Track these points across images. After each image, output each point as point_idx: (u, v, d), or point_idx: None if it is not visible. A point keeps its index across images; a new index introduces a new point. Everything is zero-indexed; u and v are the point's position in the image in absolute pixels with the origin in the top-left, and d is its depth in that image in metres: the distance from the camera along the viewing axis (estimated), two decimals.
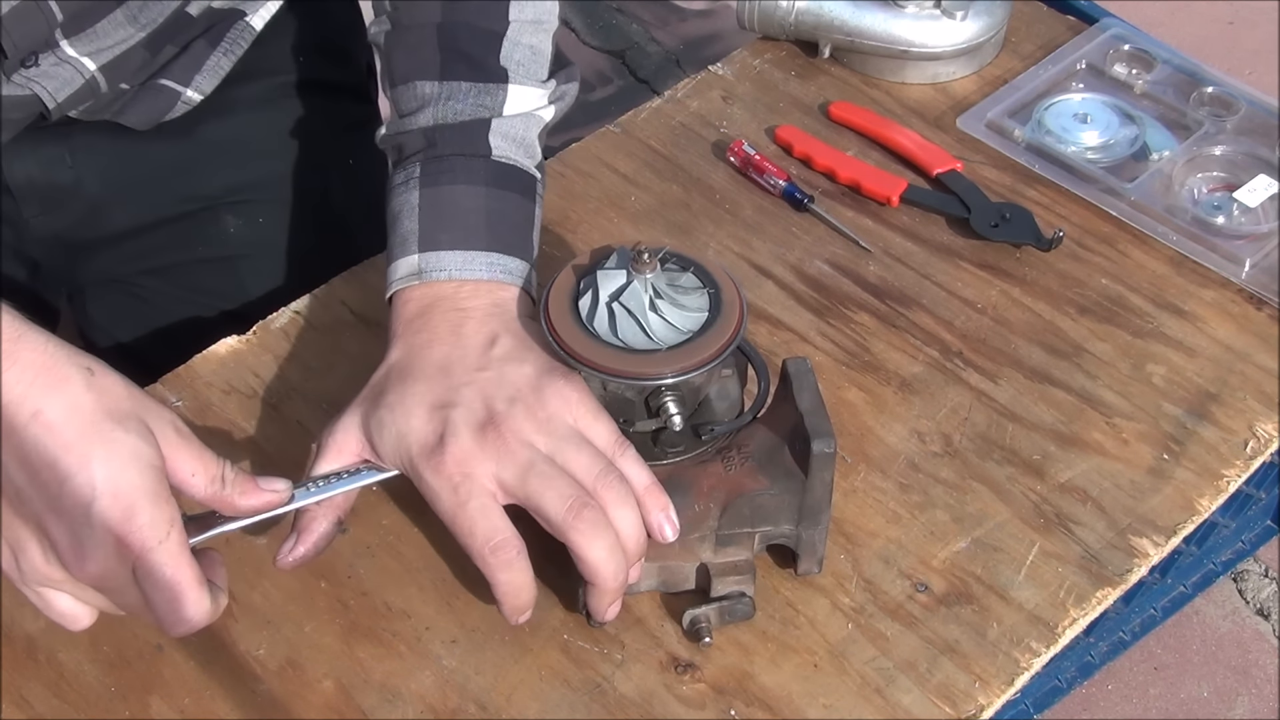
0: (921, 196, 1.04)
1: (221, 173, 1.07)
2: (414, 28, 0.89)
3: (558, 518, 0.72)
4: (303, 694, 0.77)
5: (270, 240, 1.08)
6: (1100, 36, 1.14)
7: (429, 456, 0.73)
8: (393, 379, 0.77)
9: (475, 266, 0.82)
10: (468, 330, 0.79)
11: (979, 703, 0.77)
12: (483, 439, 0.73)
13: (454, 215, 0.83)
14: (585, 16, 2.16)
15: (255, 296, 1.05)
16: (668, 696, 0.77)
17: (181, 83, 1.01)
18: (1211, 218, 1.01)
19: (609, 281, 0.78)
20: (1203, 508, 0.86)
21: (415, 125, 0.87)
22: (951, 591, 0.81)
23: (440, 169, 0.85)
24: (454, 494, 0.72)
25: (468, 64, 0.87)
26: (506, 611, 0.76)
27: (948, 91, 1.14)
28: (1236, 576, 1.43)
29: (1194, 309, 0.97)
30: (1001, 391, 0.92)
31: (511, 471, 0.72)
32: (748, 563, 0.79)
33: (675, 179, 1.07)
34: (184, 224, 1.07)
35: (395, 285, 0.83)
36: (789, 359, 0.79)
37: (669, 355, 0.76)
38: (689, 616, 0.78)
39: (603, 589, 0.74)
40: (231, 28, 1.03)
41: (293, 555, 0.76)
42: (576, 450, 0.74)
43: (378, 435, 0.76)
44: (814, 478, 0.76)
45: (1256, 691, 1.36)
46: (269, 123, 1.08)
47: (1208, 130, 1.07)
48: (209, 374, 0.93)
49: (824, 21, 1.13)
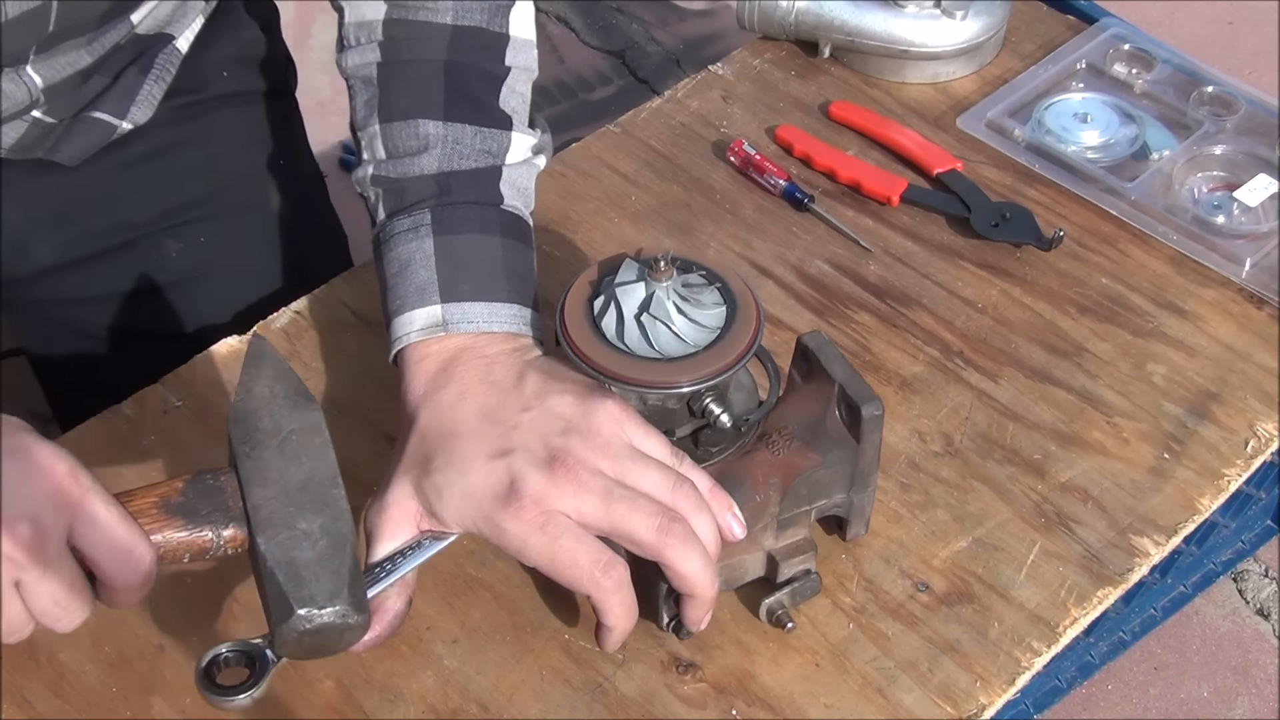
0: (922, 196, 1.04)
1: (154, 198, 1.03)
2: (417, 63, 0.85)
3: (649, 538, 0.71)
4: (304, 693, 0.77)
5: (216, 259, 1.05)
6: (1100, 36, 1.14)
7: (505, 506, 0.71)
8: (433, 442, 0.74)
9: (500, 318, 0.79)
10: (497, 375, 0.76)
11: (980, 702, 0.77)
12: (553, 476, 0.71)
13: (473, 265, 0.80)
14: (585, 16, 2.16)
15: (210, 319, 1.03)
16: (669, 696, 0.77)
17: (116, 115, 0.98)
18: (1212, 217, 1.01)
19: (629, 295, 0.77)
20: (1203, 507, 0.86)
21: (419, 169, 0.83)
22: (952, 591, 0.81)
23: (455, 216, 0.82)
24: (543, 534, 0.70)
25: (474, 106, 0.85)
26: (616, 638, 0.74)
27: (948, 91, 1.14)
28: (1236, 576, 1.43)
29: (1194, 308, 0.97)
30: (1002, 391, 0.92)
31: (591, 502, 0.71)
32: (808, 540, 0.80)
33: (676, 179, 1.07)
34: (121, 254, 1.03)
35: (415, 337, 0.79)
36: (805, 335, 0.79)
37: (706, 356, 0.76)
38: (765, 607, 0.79)
39: (702, 598, 0.73)
40: (160, 53, 1.00)
41: (368, 637, 0.72)
42: (644, 468, 0.73)
43: (438, 501, 0.73)
44: (865, 441, 0.77)
45: (1256, 691, 1.35)
46: (196, 141, 1.04)
47: (1208, 130, 1.07)
48: (209, 374, 0.93)
49: (824, 21, 1.13)
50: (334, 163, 1.95)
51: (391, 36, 0.86)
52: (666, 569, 0.72)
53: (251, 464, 0.69)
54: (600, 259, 0.81)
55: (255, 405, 0.71)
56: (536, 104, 0.89)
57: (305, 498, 0.69)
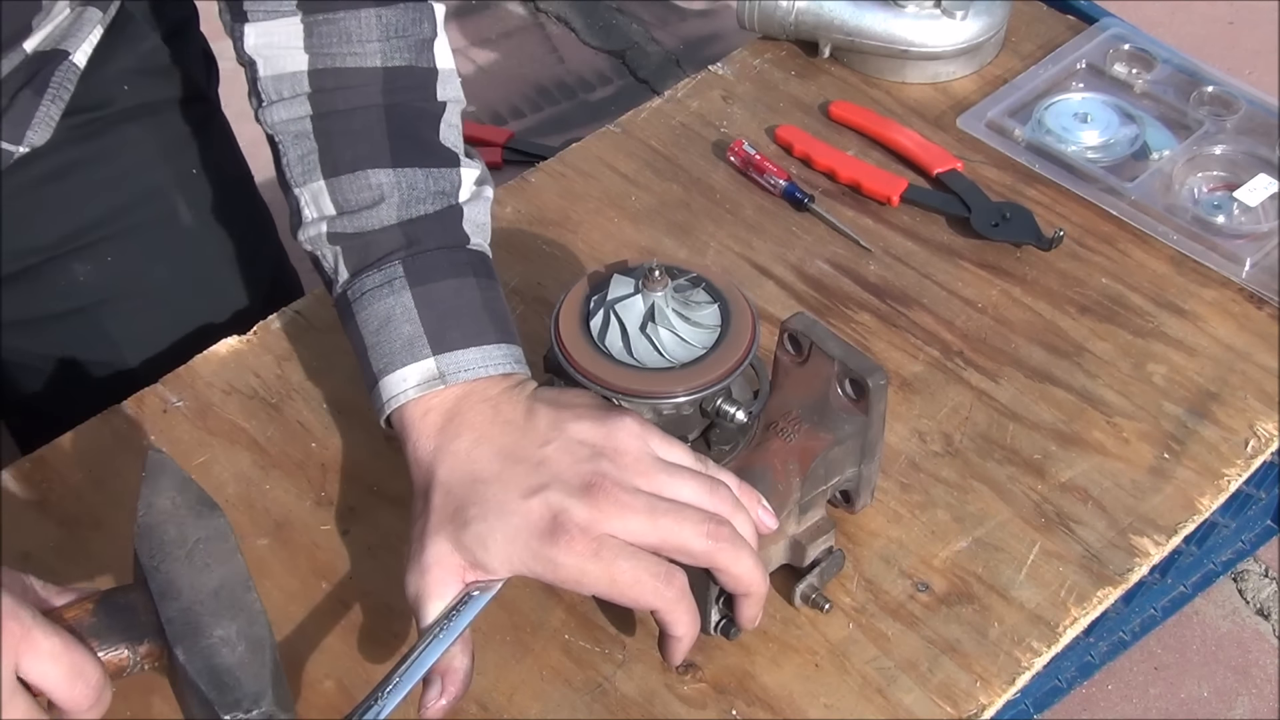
0: (922, 196, 1.04)
1: (55, 220, 0.99)
2: (356, 111, 0.82)
3: (700, 546, 0.70)
4: (304, 693, 0.77)
5: (125, 280, 1.01)
6: (1100, 36, 1.15)
7: (554, 541, 0.70)
8: (461, 492, 0.73)
9: (495, 360, 0.78)
10: (506, 414, 0.75)
11: (980, 702, 0.77)
12: (594, 502, 0.70)
13: (457, 312, 0.79)
14: (585, 16, 2.16)
15: (123, 342, 1.00)
16: (669, 696, 0.77)
17: (12, 140, 0.94)
18: (1212, 217, 1.01)
19: (629, 309, 0.78)
20: (1203, 507, 0.86)
21: (379, 220, 0.81)
22: (952, 591, 0.81)
23: (426, 265, 0.80)
24: (598, 560, 0.70)
25: (419, 149, 0.82)
26: (684, 647, 0.73)
27: (948, 91, 1.14)
28: (1236, 576, 1.43)
29: (1194, 308, 0.97)
30: (1002, 391, 0.92)
31: (637, 521, 0.70)
32: (826, 519, 0.80)
33: (676, 179, 1.07)
34: (25, 281, 0.99)
35: (412, 394, 0.76)
36: (791, 317, 0.79)
37: (715, 356, 0.77)
38: (799, 593, 0.79)
39: (756, 595, 0.74)
40: (56, 70, 0.94)
41: (443, 701, 0.71)
42: (678, 479, 0.72)
43: (483, 551, 0.71)
44: (873, 412, 0.78)
45: (1256, 691, 1.35)
46: (99, 159, 1.00)
47: (1208, 130, 1.07)
48: (209, 374, 0.93)
49: (824, 21, 1.13)
50: None
51: (321, 88, 0.83)
52: (719, 573, 0.72)
53: (161, 577, 0.69)
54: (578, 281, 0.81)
55: (159, 518, 0.71)
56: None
57: (218, 605, 0.69)
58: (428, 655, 0.70)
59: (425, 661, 0.70)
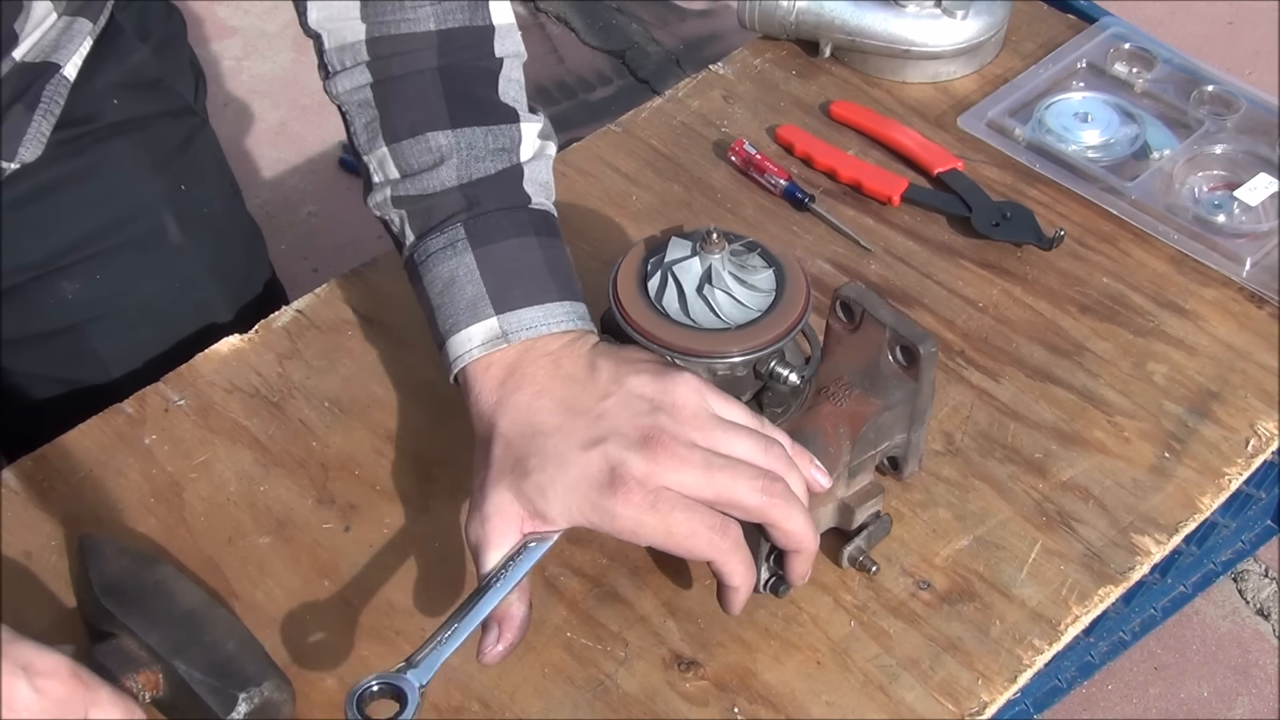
0: (922, 196, 1.04)
1: (44, 238, 0.98)
2: (411, 76, 0.84)
3: (754, 501, 0.72)
4: (306, 692, 0.77)
5: (113, 298, 1.00)
6: (1100, 35, 1.15)
7: (612, 492, 0.71)
8: (521, 444, 0.74)
9: (556, 317, 0.79)
10: (567, 368, 0.77)
11: (982, 700, 0.77)
12: (652, 455, 0.71)
13: (518, 271, 0.80)
14: (585, 16, 2.16)
15: (111, 361, 1.00)
16: (671, 694, 0.77)
17: (5, 157, 0.93)
18: (1212, 216, 1.01)
19: (686, 271, 0.80)
20: (1204, 506, 0.86)
21: (440, 183, 0.82)
22: (954, 589, 0.82)
23: (488, 226, 0.81)
24: (655, 512, 0.71)
25: (477, 107, 0.84)
26: (742, 597, 0.75)
27: (948, 91, 1.14)
28: (1236, 576, 1.43)
29: (1195, 307, 0.97)
30: (1003, 390, 0.92)
31: (694, 475, 0.72)
32: (874, 484, 0.81)
33: (676, 178, 1.07)
34: (13, 299, 0.98)
35: (476, 353, 0.78)
36: (843, 286, 0.80)
37: (770, 318, 0.79)
38: (847, 555, 0.81)
39: (807, 552, 0.75)
40: (47, 84, 0.93)
41: (500, 647, 0.73)
42: (734, 435, 0.74)
43: (542, 501, 0.73)
44: (923, 379, 0.79)
45: (1256, 691, 1.36)
46: (87, 175, 0.98)
47: (1208, 129, 1.07)
48: (211, 373, 0.93)
49: (825, 21, 1.14)
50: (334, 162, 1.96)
51: (378, 55, 0.84)
52: (772, 528, 0.73)
53: (137, 617, 0.73)
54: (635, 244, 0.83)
55: (114, 578, 0.77)
56: (537, 104, 0.89)
57: (196, 621, 0.75)
58: (486, 602, 0.72)
59: (484, 608, 0.72)
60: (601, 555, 0.83)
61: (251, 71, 2.05)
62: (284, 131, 1.99)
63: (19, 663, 0.63)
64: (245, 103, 2.05)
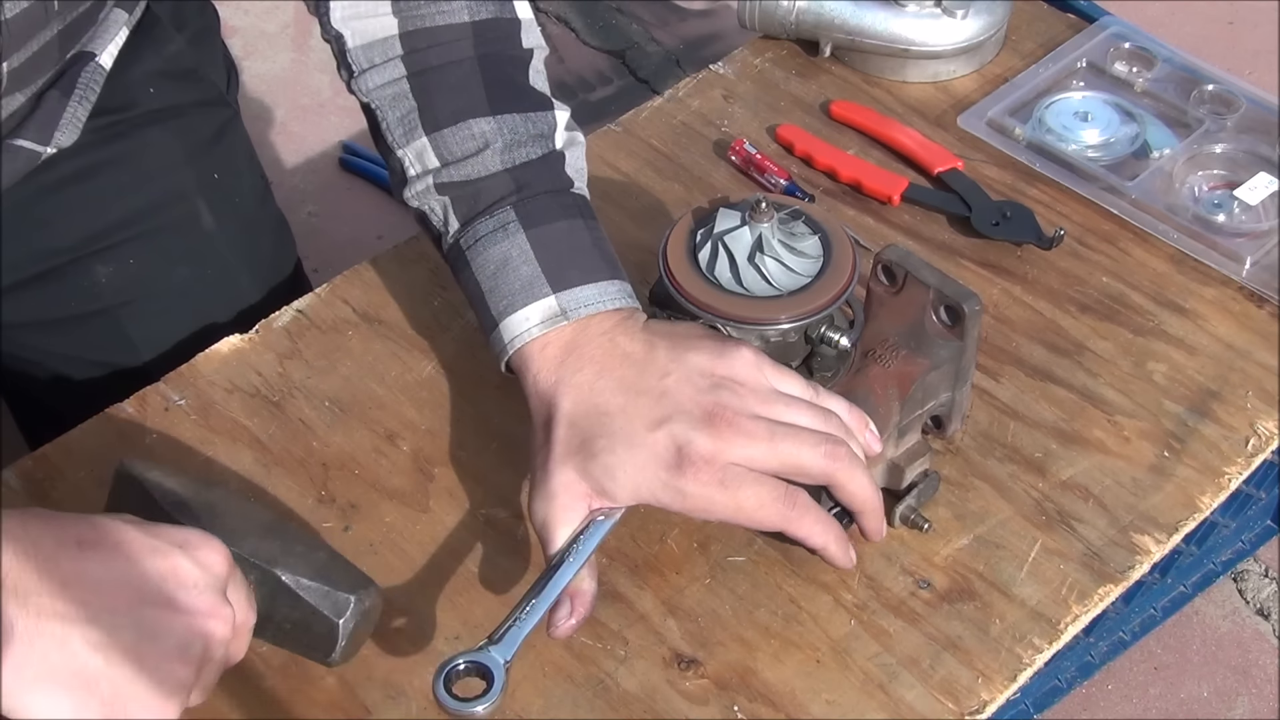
0: (922, 195, 1.04)
1: (78, 222, 0.99)
2: (450, 66, 0.85)
3: (819, 466, 0.74)
4: (306, 691, 0.78)
5: (146, 283, 1.02)
6: (1100, 35, 1.15)
7: (681, 471, 0.73)
8: (586, 424, 0.76)
9: (610, 295, 0.80)
10: (624, 346, 0.78)
11: (982, 699, 0.77)
12: (716, 432, 0.74)
13: (571, 252, 0.81)
14: (585, 16, 2.16)
15: (142, 344, 1.01)
16: (671, 693, 0.77)
17: (40, 142, 0.94)
18: (1212, 215, 1.01)
19: (737, 241, 0.82)
20: (1204, 505, 0.86)
21: (485, 168, 0.83)
22: (954, 588, 0.82)
23: (537, 209, 0.82)
24: (724, 488, 0.74)
25: (514, 94, 0.85)
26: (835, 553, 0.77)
27: (948, 90, 1.14)
28: (1236, 576, 1.43)
29: (1195, 307, 0.97)
30: (1003, 389, 0.92)
31: (759, 447, 0.74)
32: (922, 443, 0.84)
33: (677, 178, 1.07)
34: (46, 282, 1.00)
35: (536, 331, 0.79)
36: (885, 249, 0.82)
37: (821, 284, 0.82)
38: (899, 514, 0.82)
39: (874, 510, 0.78)
40: (83, 72, 0.95)
41: (573, 620, 0.74)
42: (793, 406, 0.76)
43: (610, 481, 0.75)
44: (968, 337, 0.80)
45: (1256, 691, 1.35)
46: (122, 161, 1.00)
47: (1208, 128, 1.07)
48: (211, 373, 0.93)
49: (825, 20, 1.14)
50: (334, 162, 1.95)
51: (414, 48, 0.85)
52: (837, 490, 0.76)
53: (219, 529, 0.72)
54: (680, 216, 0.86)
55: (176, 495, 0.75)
56: None
57: (281, 532, 0.76)
58: (561, 577, 0.73)
59: (559, 583, 0.73)
60: (601, 555, 0.83)
61: (251, 71, 2.05)
62: (284, 131, 1.99)
63: (174, 542, 0.67)
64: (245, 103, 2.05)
